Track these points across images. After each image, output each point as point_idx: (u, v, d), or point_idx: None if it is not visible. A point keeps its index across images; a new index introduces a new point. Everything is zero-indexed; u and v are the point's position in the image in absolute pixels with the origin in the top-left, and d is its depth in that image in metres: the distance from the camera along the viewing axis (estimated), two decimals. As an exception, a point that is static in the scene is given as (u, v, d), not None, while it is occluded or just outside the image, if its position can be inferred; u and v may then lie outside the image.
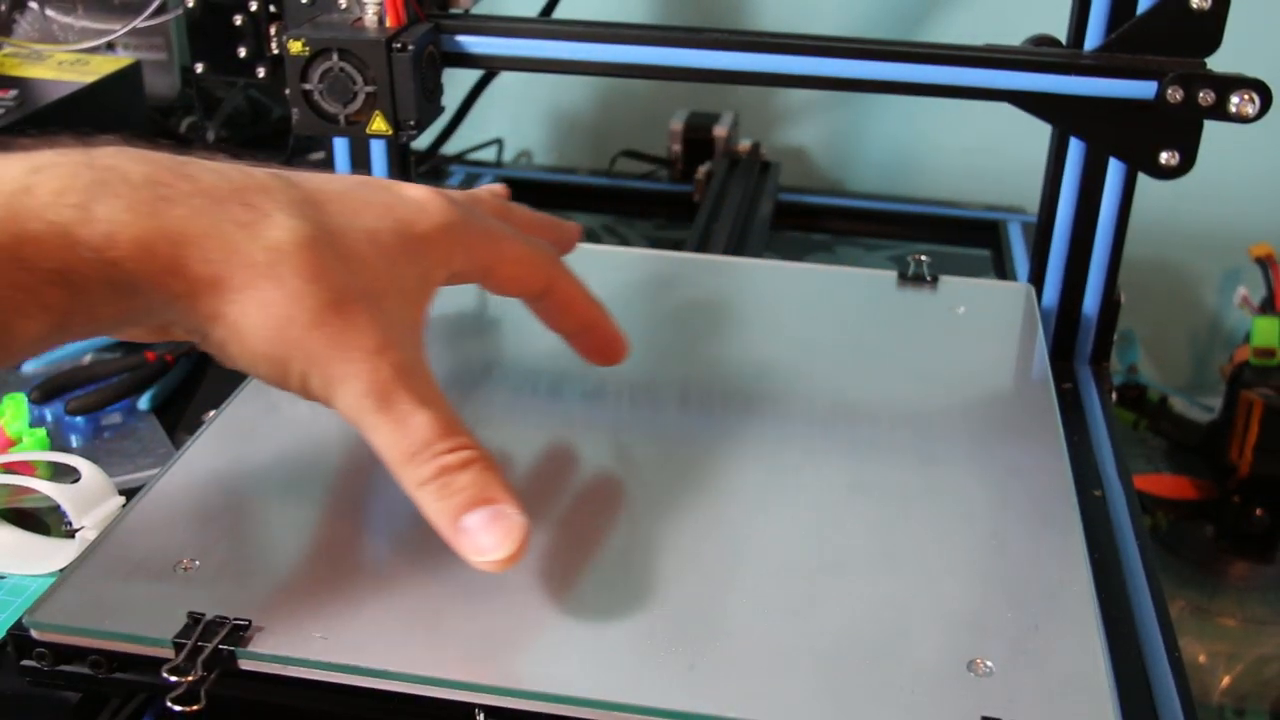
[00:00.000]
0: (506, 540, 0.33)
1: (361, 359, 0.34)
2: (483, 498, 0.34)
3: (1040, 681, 0.33)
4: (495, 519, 0.33)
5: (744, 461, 0.43)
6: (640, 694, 0.32)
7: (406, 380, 0.34)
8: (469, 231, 0.39)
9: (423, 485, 0.34)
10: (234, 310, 0.34)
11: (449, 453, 0.34)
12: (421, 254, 0.38)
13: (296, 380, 0.35)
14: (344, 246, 0.35)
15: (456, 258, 0.39)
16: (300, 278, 0.34)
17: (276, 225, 0.34)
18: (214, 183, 0.35)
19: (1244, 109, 0.49)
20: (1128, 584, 0.44)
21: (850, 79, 0.53)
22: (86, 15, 0.72)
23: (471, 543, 0.33)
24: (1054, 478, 0.42)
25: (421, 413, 0.34)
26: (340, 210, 0.37)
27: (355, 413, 0.34)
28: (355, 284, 0.35)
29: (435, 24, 0.55)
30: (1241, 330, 0.72)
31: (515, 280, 0.42)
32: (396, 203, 0.38)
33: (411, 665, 0.33)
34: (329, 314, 0.34)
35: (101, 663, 0.35)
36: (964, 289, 0.56)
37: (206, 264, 0.33)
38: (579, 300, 0.44)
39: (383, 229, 0.37)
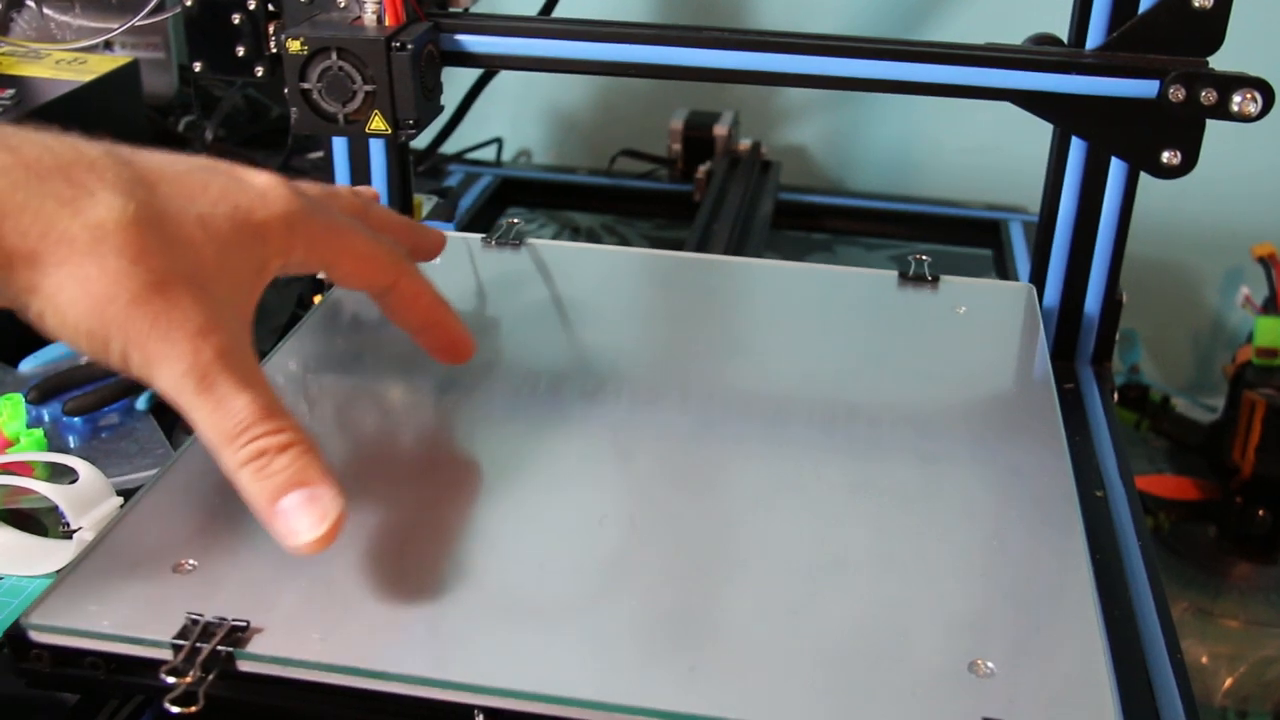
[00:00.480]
0: (320, 522, 0.34)
1: (182, 340, 0.34)
2: (298, 480, 0.34)
3: (1041, 683, 0.33)
4: (310, 501, 0.34)
5: (744, 462, 0.43)
6: (640, 695, 0.32)
7: (227, 362, 0.35)
8: (311, 223, 0.40)
9: (241, 467, 0.34)
10: (50, 284, 0.34)
11: (267, 435, 0.34)
12: (256, 241, 0.38)
13: (117, 357, 0.35)
14: (172, 228, 0.36)
15: (295, 248, 0.39)
16: (122, 257, 0.34)
17: (100, 203, 0.34)
18: (37, 156, 0.35)
19: (1246, 108, 0.49)
20: (1129, 585, 0.43)
21: (851, 78, 0.53)
22: (84, 14, 0.72)
23: (286, 525, 0.34)
24: (1055, 478, 0.42)
25: (241, 395, 0.34)
26: (174, 192, 0.37)
27: (175, 392, 0.35)
28: (180, 266, 0.35)
29: (434, 23, 0.55)
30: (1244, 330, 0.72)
31: (357, 275, 0.43)
32: (236, 188, 0.38)
33: (411, 666, 0.33)
34: (150, 294, 0.34)
35: (99, 664, 0.35)
36: (965, 289, 0.55)
37: (21, 237, 0.33)
38: (422, 298, 0.44)
39: (217, 214, 0.37)
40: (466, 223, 0.78)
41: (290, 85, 0.53)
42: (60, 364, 0.58)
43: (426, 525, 0.40)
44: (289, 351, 0.49)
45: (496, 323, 0.52)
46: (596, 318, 0.53)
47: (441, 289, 0.45)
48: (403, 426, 0.45)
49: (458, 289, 0.55)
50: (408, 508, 0.41)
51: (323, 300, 0.54)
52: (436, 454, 0.44)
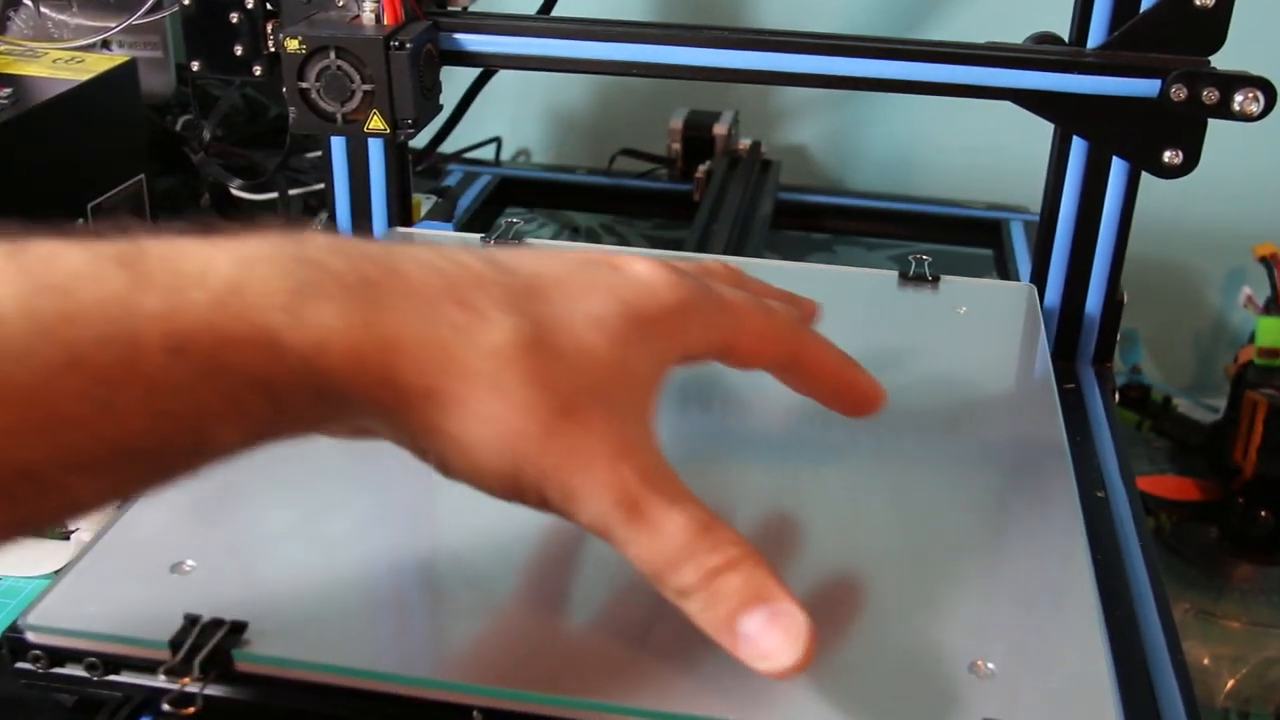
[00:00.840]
0: (792, 642, 0.30)
1: (602, 468, 0.31)
2: (756, 597, 0.31)
3: (1042, 684, 0.33)
4: (774, 619, 0.30)
5: (743, 462, 0.43)
6: (640, 695, 0.32)
7: (652, 483, 0.31)
8: (704, 307, 0.36)
9: (689, 594, 0.31)
10: (453, 424, 0.30)
11: (711, 553, 0.31)
12: (653, 337, 0.34)
13: (532, 495, 0.32)
14: (569, 342, 0.32)
15: (692, 337, 0.36)
16: (526, 385, 0.31)
17: (495, 326, 0.31)
18: (425, 279, 0.31)
19: (1248, 107, 0.49)
20: (1131, 586, 0.43)
21: (851, 77, 0.53)
22: (82, 13, 0.72)
23: (754, 649, 0.30)
24: (1056, 479, 0.42)
25: (674, 516, 0.31)
26: (562, 297, 0.33)
27: (603, 525, 0.31)
28: (585, 384, 0.32)
29: (433, 22, 0.55)
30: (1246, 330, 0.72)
31: (758, 354, 0.38)
32: (623, 284, 0.34)
33: (409, 667, 0.33)
34: (561, 422, 0.31)
35: (97, 665, 0.35)
36: (966, 289, 0.55)
37: (420, 374, 0.30)
38: (829, 364, 0.40)
39: (609, 315, 0.33)
40: (465, 222, 0.77)
41: (288, 84, 0.53)
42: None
43: (425, 525, 0.40)
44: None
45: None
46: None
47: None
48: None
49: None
50: (408, 507, 0.41)
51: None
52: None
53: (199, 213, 0.77)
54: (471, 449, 0.31)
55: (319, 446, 0.43)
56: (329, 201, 0.61)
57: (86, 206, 0.62)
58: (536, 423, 0.31)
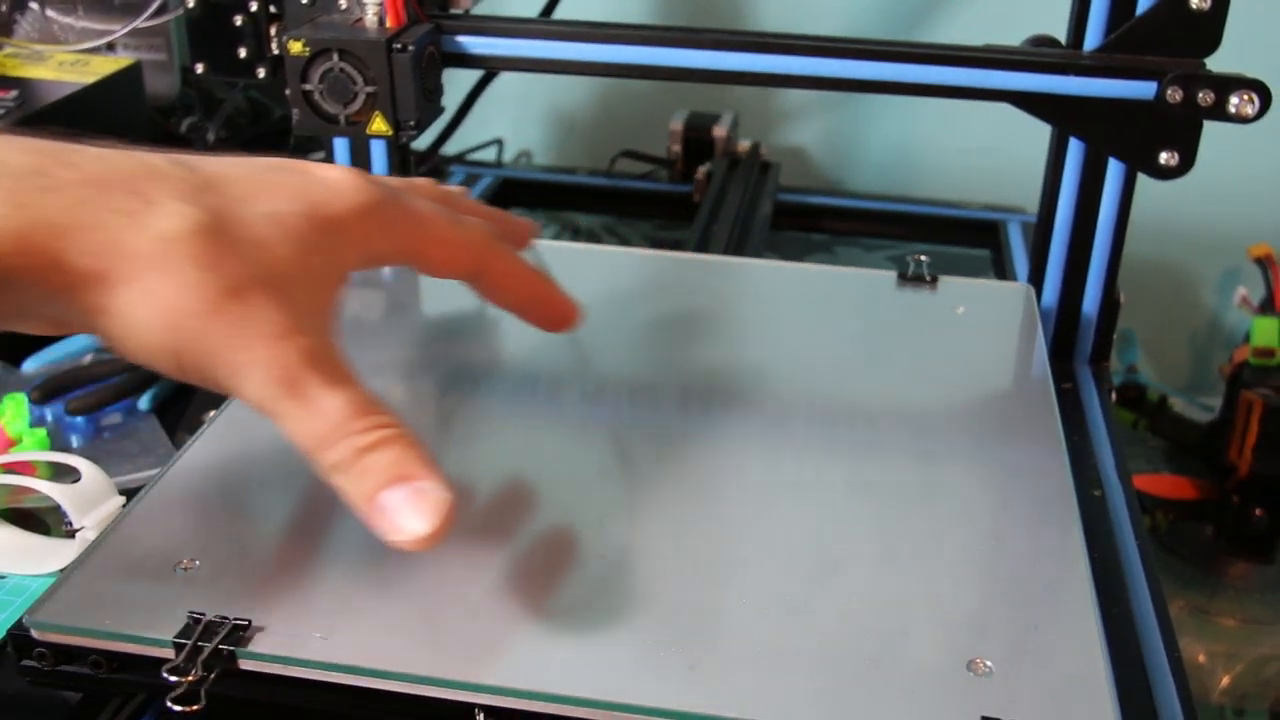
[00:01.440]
0: (427, 516, 0.32)
1: (264, 346, 0.33)
2: (400, 475, 0.32)
3: (1040, 682, 0.33)
4: (415, 496, 0.32)
5: (743, 461, 0.43)
6: (640, 694, 0.32)
7: (314, 363, 0.33)
8: (389, 213, 0.38)
9: (337, 468, 0.33)
10: (120, 304, 0.32)
11: (364, 432, 0.33)
12: (333, 237, 0.36)
13: (197, 372, 0.33)
14: (243, 231, 0.34)
15: (375, 240, 0.38)
16: (193, 267, 0.32)
17: (166, 213, 0.33)
18: (99, 170, 0.33)
19: (1243, 109, 0.49)
20: (1127, 584, 0.44)
21: (850, 79, 0.53)
22: (87, 16, 0.72)
23: (389, 521, 0.32)
24: (1053, 477, 0.42)
25: (332, 395, 0.33)
26: (242, 194, 0.35)
27: (262, 401, 0.33)
28: (255, 270, 0.33)
29: (435, 24, 0.55)
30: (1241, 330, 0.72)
31: (446, 262, 0.41)
32: (307, 184, 0.37)
33: (412, 665, 0.33)
34: (226, 301, 0.32)
35: (101, 663, 0.35)
36: (964, 289, 0.56)
37: (87, 256, 0.32)
38: (517, 276, 0.43)
39: (289, 212, 0.35)
40: (467, 223, 0.78)
41: (291, 86, 0.53)
42: (63, 363, 0.58)
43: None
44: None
45: (496, 323, 0.53)
46: (596, 318, 0.53)
47: (442, 289, 0.45)
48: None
49: (458, 289, 0.55)
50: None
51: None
52: (437, 454, 0.44)
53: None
54: (138, 327, 0.32)
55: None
56: (331, 203, 0.61)
57: (90, 208, 0.62)
58: (201, 301, 0.32)
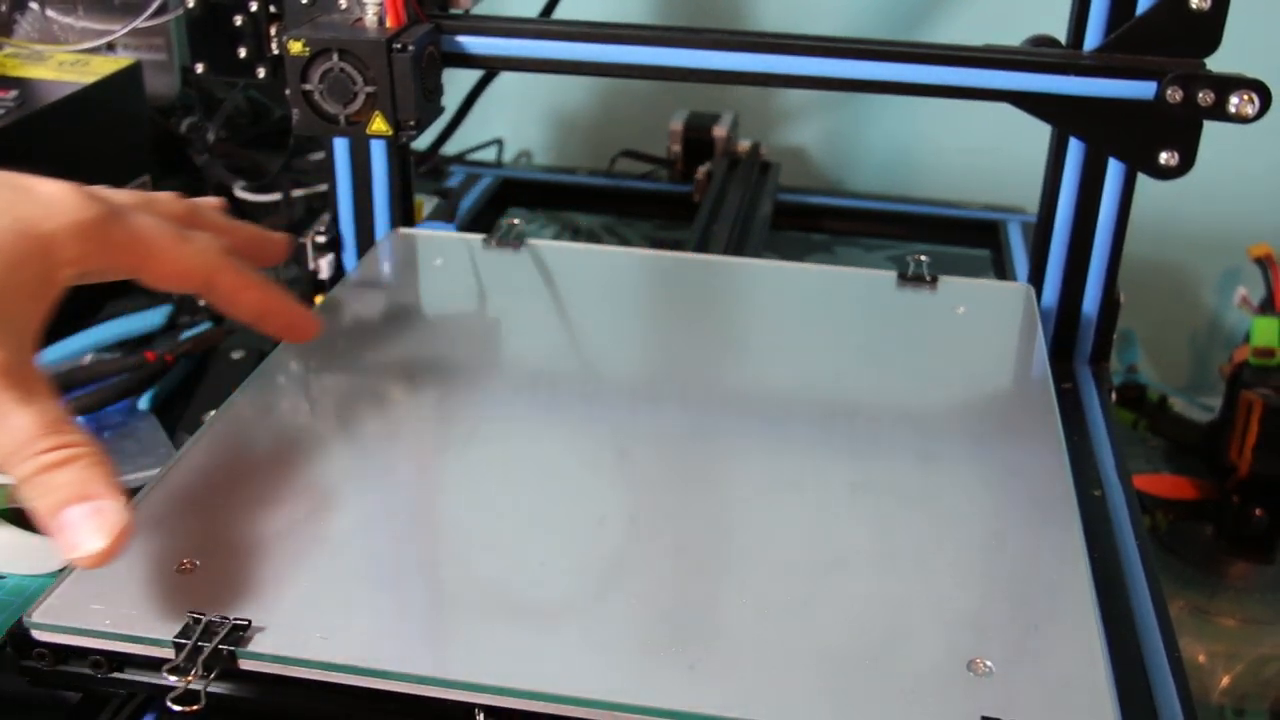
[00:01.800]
0: (100, 533, 0.33)
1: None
2: (81, 493, 0.34)
3: (1040, 682, 0.33)
4: (93, 514, 0.33)
5: (744, 461, 0.43)
6: (640, 694, 0.32)
7: (6, 380, 0.34)
8: (105, 229, 0.39)
9: (25, 483, 0.34)
10: None
11: (49, 451, 0.34)
12: (41, 252, 0.37)
13: None
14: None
15: (89, 256, 0.39)
16: None
17: None
18: None
19: (1243, 109, 0.49)
20: (1127, 584, 0.44)
21: (850, 79, 0.53)
22: (87, 16, 0.72)
23: (68, 538, 0.33)
24: (1054, 478, 0.42)
25: (21, 412, 0.34)
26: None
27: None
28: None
29: (435, 24, 0.55)
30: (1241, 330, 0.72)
31: (168, 277, 0.42)
32: (19, 200, 0.38)
33: (411, 665, 0.33)
34: None
35: (101, 663, 0.35)
36: (964, 289, 0.56)
37: None
38: (245, 290, 0.44)
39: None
40: (467, 223, 0.78)
41: (291, 86, 0.53)
42: (63, 364, 0.58)
43: (427, 525, 0.40)
44: (287, 351, 0.49)
45: (496, 323, 0.53)
46: (597, 318, 0.53)
47: (443, 289, 0.45)
48: (402, 426, 0.45)
49: (458, 289, 0.55)
50: (408, 507, 0.41)
51: (322, 300, 0.54)
52: (436, 454, 0.44)
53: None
54: None
55: (320, 445, 0.44)
56: (331, 203, 0.61)
57: (90, 208, 0.63)
58: None
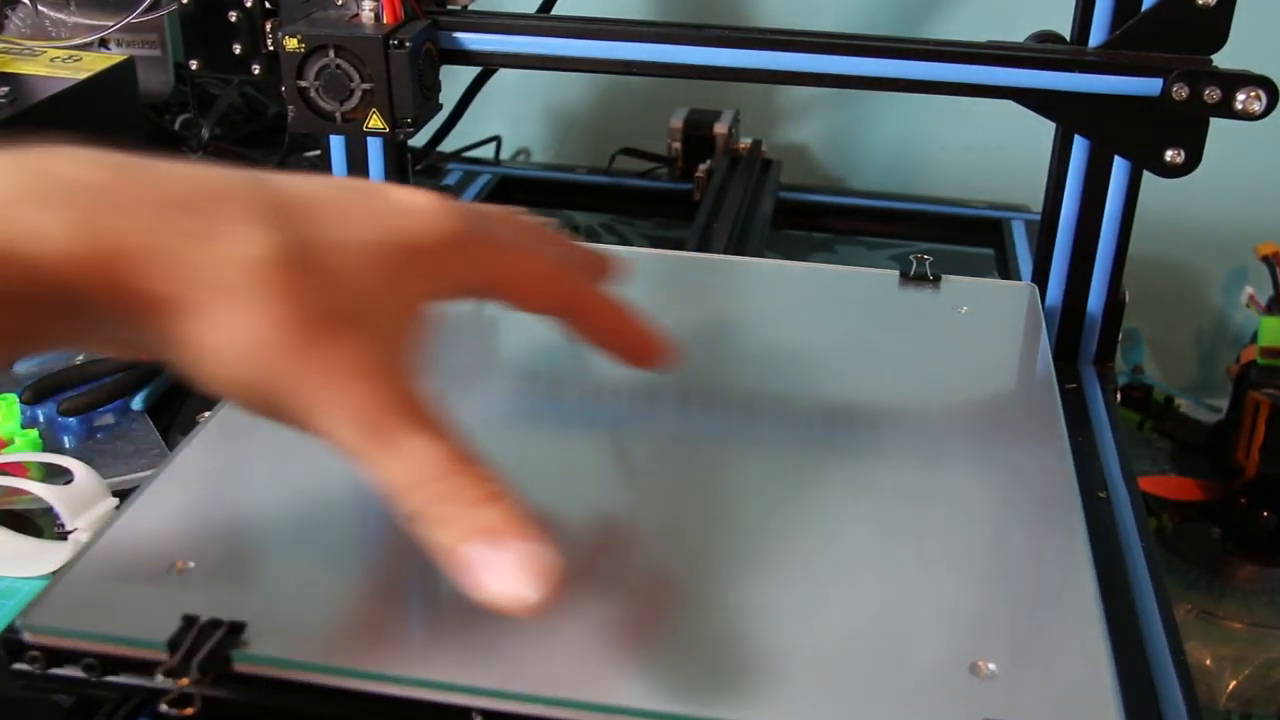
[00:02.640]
0: (515, 575, 0.29)
1: (349, 385, 0.30)
2: (487, 528, 0.30)
3: (1044, 684, 0.33)
4: (501, 551, 0.30)
5: (744, 462, 0.43)
6: (640, 695, 0.32)
7: (399, 406, 0.31)
8: (473, 244, 0.35)
9: (419, 517, 0.31)
10: (193, 333, 0.30)
11: (448, 480, 0.30)
12: (414, 268, 0.33)
13: (274, 409, 0.31)
14: (324, 261, 0.31)
15: (458, 272, 0.35)
16: (275, 299, 0.30)
17: (240, 237, 0.30)
18: (169, 189, 0.31)
19: (1250, 106, 0.49)
20: (1133, 586, 0.43)
21: (852, 76, 0.53)
22: (79, 11, 0.72)
23: (474, 578, 0.30)
24: (1058, 479, 0.42)
25: (418, 441, 0.30)
26: (321, 218, 0.32)
27: (346, 444, 0.31)
28: (339, 304, 0.31)
29: (433, 20, 0.54)
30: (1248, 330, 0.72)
31: (535, 296, 0.38)
32: (389, 210, 0.34)
33: (408, 668, 0.33)
34: (311, 339, 0.30)
35: (95, 665, 0.34)
36: (967, 288, 0.55)
37: (155, 282, 0.29)
38: (609, 312, 0.39)
39: (372, 240, 0.33)
40: (466, 222, 0.77)
41: (287, 83, 0.53)
42: (55, 363, 0.57)
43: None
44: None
45: (495, 323, 0.52)
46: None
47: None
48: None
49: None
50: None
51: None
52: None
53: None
54: (214, 359, 0.30)
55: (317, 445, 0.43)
56: (328, 201, 0.61)
57: (85, 206, 0.62)
58: (284, 336, 0.30)
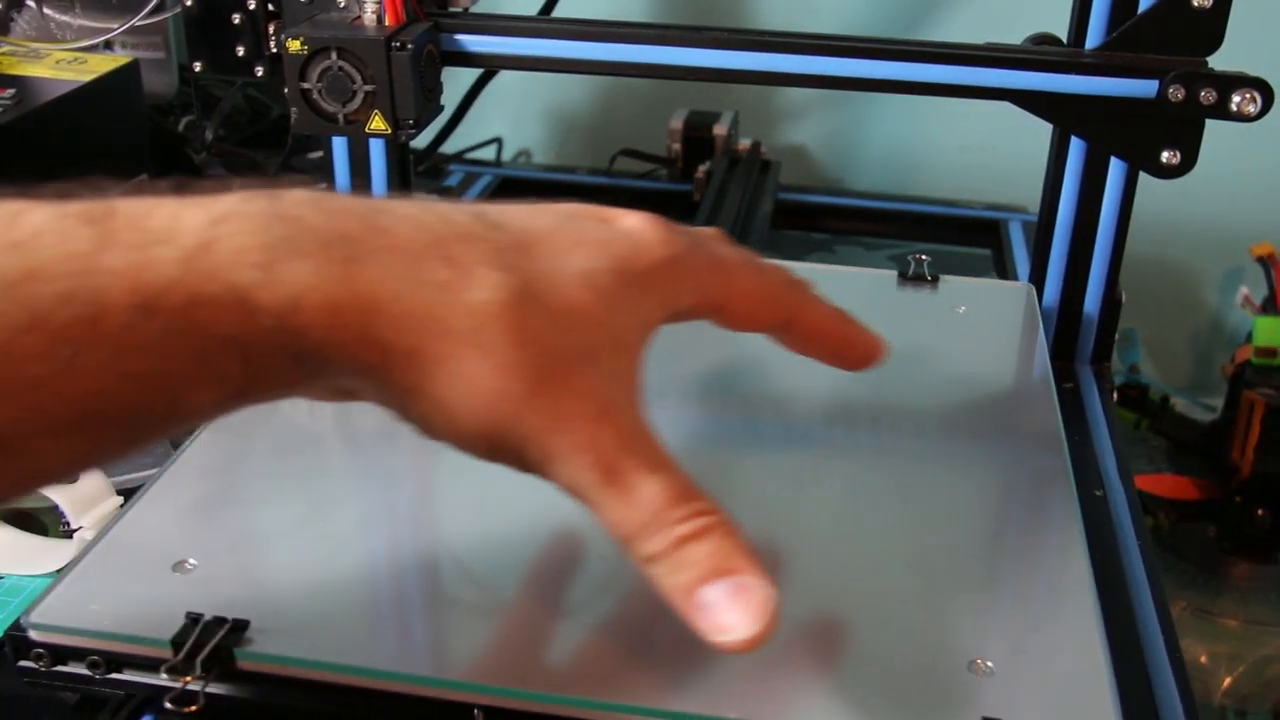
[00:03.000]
0: (752, 616, 0.29)
1: (581, 429, 0.30)
2: (722, 568, 0.30)
3: (1041, 682, 0.33)
4: (737, 592, 0.29)
5: (743, 462, 0.43)
6: (640, 694, 0.32)
7: (631, 446, 0.31)
8: (695, 264, 0.35)
9: (654, 560, 0.30)
10: (435, 384, 0.30)
11: (682, 522, 0.30)
12: (641, 294, 0.33)
13: (507, 454, 0.31)
14: (555, 298, 0.31)
15: (683, 294, 0.35)
16: (511, 344, 0.30)
17: (480, 283, 0.30)
18: (410, 235, 0.30)
19: (1245, 108, 0.49)
20: (1129, 585, 0.43)
21: (851, 78, 0.53)
22: (84, 14, 0.72)
23: (712, 620, 0.29)
24: (1055, 478, 0.42)
25: (650, 481, 0.30)
26: (550, 252, 0.32)
27: (579, 487, 0.31)
28: (570, 342, 0.31)
29: (434, 23, 0.55)
30: (1243, 330, 0.72)
31: (753, 314, 0.37)
32: (612, 237, 0.34)
33: (411, 665, 0.33)
34: (544, 383, 0.30)
35: (100, 663, 0.35)
36: (965, 288, 0.55)
37: (401, 333, 0.29)
38: (826, 324, 0.39)
39: (598, 269, 0.32)
40: (466, 222, 0.77)
41: (290, 85, 0.53)
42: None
43: (427, 525, 0.40)
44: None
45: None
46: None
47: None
48: (401, 426, 0.45)
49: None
50: (408, 507, 0.41)
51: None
52: (436, 454, 0.44)
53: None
54: (453, 410, 0.30)
55: (319, 444, 0.43)
56: (330, 202, 0.61)
57: (88, 207, 0.62)
58: (520, 382, 0.30)
